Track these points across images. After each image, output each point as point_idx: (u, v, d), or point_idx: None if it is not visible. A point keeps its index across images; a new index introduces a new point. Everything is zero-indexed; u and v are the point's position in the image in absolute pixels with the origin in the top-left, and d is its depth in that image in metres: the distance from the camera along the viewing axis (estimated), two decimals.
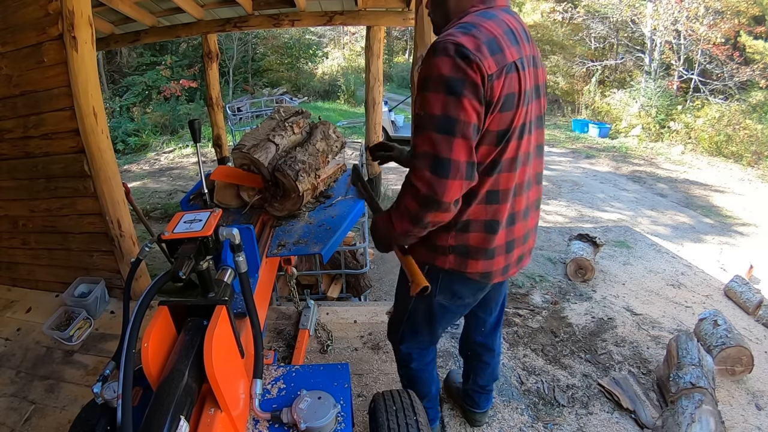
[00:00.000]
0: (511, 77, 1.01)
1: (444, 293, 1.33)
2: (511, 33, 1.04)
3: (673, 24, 10.17)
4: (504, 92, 1.00)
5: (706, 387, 1.92)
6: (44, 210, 2.62)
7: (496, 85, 0.98)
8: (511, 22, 1.07)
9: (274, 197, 1.87)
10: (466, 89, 0.96)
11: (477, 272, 1.24)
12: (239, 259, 1.10)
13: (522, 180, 1.17)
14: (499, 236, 1.19)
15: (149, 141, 9.34)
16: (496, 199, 1.14)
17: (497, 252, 1.22)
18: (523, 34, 1.09)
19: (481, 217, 1.16)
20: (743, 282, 3.22)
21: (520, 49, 1.05)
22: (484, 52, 0.96)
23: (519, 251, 1.29)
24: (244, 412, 1.07)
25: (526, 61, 1.06)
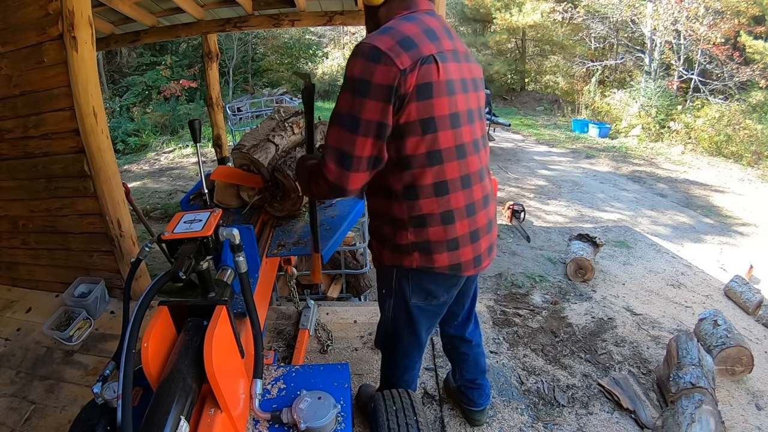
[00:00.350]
0: (428, 68, 1.07)
1: (418, 295, 1.34)
2: (431, 31, 1.13)
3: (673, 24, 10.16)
4: (419, 82, 1.06)
5: (706, 387, 1.92)
6: (44, 210, 2.62)
7: (410, 78, 1.05)
8: (432, 22, 1.16)
9: (273, 197, 1.87)
10: (371, 90, 1.04)
11: (445, 265, 1.25)
12: (239, 259, 1.10)
13: (473, 170, 1.23)
14: (460, 226, 1.22)
15: (149, 141, 9.34)
16: (446, 189, 1.18)
17: (462, 242, 1.24)
18: (445, 32, 1.17)
19: (435, 210, 1.19)
20: (743, 282, 3.22)
21: (440, 44, 1.12)
22: (397, 49, 1.05)
23: (487, 241, 1.32)
24: (244, 412, 1.07)
25: (449, 55, 1.14)
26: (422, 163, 1.14)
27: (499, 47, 14.51)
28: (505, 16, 12.64)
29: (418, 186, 1.16)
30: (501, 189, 6.16)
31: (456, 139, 1.16)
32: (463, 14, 15.67)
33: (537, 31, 13.22)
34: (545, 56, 14.39)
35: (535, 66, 14.74)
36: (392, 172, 1.17)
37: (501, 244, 4.37)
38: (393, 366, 1.60)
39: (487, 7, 13.79)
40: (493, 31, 14.01)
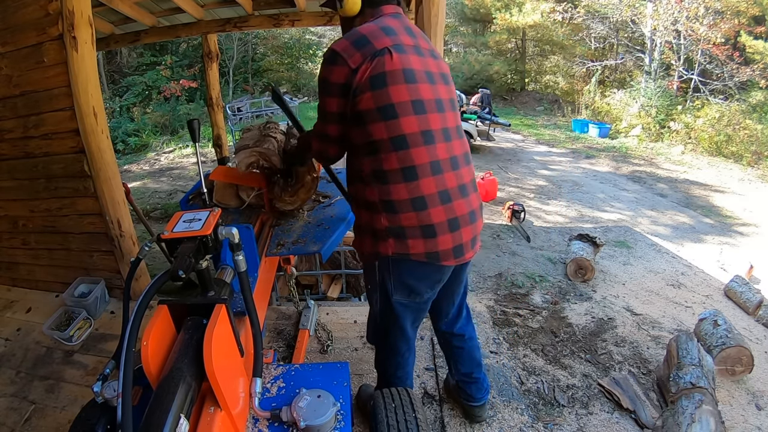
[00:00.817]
0: (381, 60, 1.18)
1: (400, 291, 1.37)
2: (388, 28, 1.25)
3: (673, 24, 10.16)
4: (372, 74, 1.18)
5: (706, 387, 1.92)
6: (44, 210, 2.62)
7: (362, 71, 1.18)
8: (392, 22, 1.28)
9: (284, 189, 1.86)
10: (330, 88, 1.24)
11: (420, 252, 1.27)
12: (238, 258, 1.10)
13: (445, 157, 1.27)
14: (434, 213, 1.24)
15: (149, 141, 9.34)
16: (414, 174, 1.23)
17: (439, 230, 1.26)
18: (405, 30, 1.29)
19: (405, 196, 1.23)
20: (743, 282, 3.22)
21: (397, 38, 1.23)
22: (351, 50, 1.20)
23: (469, 232, 1.33)
24: (243, 411, 1.07)
25: (408, 48, 1.24)
26: (387, 148, 1.22)
27: (499, 47, 14.52)
28: (505, 16, 12.64)
29: (386, 171, 1.24)
30: (501, 189, 6.16)
31: (421, 125, 1.22)
32: (463, 14, 15.67)
33: (537, 31, 13.22)
34: (545, 56, 14.39)
35: (535, 66, 14.75)
36: (363, 156, 1.28)
37: (501, 244, 4.37)
38: (385, 362, 1.61)
39: (487, 7, 13.80)
40: (493, 31, 14.01)
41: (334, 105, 1.26)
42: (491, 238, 4.53)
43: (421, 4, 2.08)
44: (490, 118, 8.56)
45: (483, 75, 14.10)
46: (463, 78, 14.19)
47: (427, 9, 2.06)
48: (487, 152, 8.51)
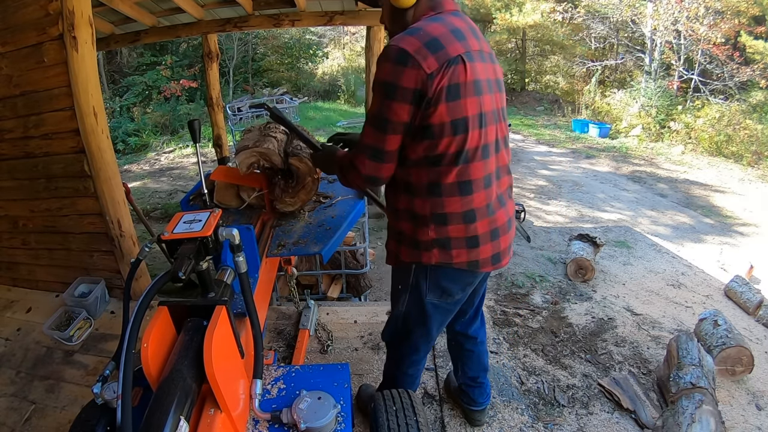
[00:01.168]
0: (455, 69, 1.10)
1: (434, 292, 1.36)
2: (458, 31, 1.14)
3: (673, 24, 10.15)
4: (446, 84, 1.09)
5: (707, 387, 1.92)
6: (44, 210, 2.62)
7: (438, 80, 1.08)
8: (458, 22, 1.17)
9: (285, 190, 1.86)
10: (398, 93, 1.09)
11: (463, 261, 1.27)
12: (239, 260, 1.10)
13: (492, 170, 1.25)
14: (480, 225, 1.25)
15: (149, 141, 9.34)
16: (469, 189, 1.20)
17: (482, 240, 1.26)
18: (471, 32, 1.19)
19: (458, 210, 1.22)
20: (743, 282, 3.22)
21: (467, 44, 1.14)
22: (424, 52, 1.07)
23: (507, 240, 1.34)
24: (244, 413, 1.07)
25: (476, 55, 1.16)
26: (450, 162, 1.17)
27: (499, 47, 14.50)
28: (505, 16, 12.63)
29: (442, 184, 1.19)
30: None
31: (482, 139, 1.18)
32: None
33: (537, 31, 13.21)
34: (545, 56, 14.38)
35: (535, 66, 14.73)
36: (418, 168, 1.20)
37: None
38: (399, 359, 1.61)
39: (487, 7, 13.78)
40: (493, 31, 13.99)
41: (404, 113, 1.11)
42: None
43: None
44: None
45: None
46: None
47: None
48: None
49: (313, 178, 1.85)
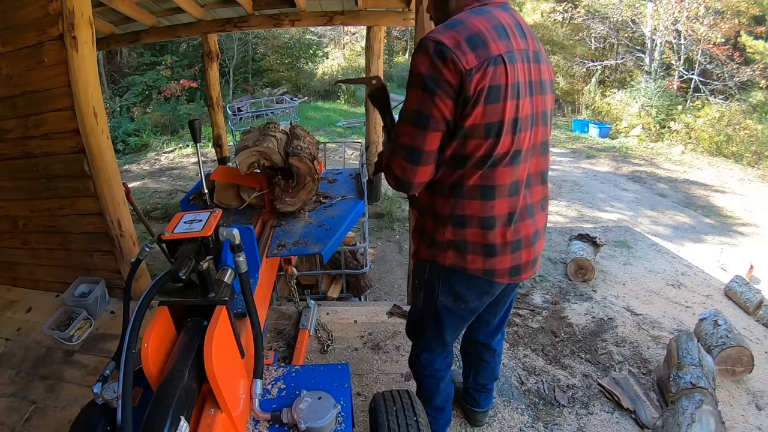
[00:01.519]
0: (496, 70, 1.03)
1: (446, 294, 1.33)
2: (502, 28, 1.06)
3: (673, 24, 10.16)
4: (486, 84, 1.02)
5: (707, 387, 1.92)
6: (44, 210, 2.62)
7: (476, 79, 1.01)
8: (504, 17, 1.09)
9: (285, 190, 1.87)
10: (439, 87, 1.02)
11: (478, 269, 1.23)
12: (239, 260, 1.10)
13: (521, 177, 1.17)
14: (499, 233, 1.18)
15: (149, 141, 9.34)
16: (492, 194, 1.14)
17: (500, 250, 1.20)
18: (517, 30, 1.10)
19: (477, 213, 1.16)
20: (743, 282, 3.22)
21: (510, 43, 1.06)
22: (464, 47, 1.00)
23: (530, 252, 1.25)
24: (244, 413, 1.07)
25: (518, 55, 1.07)
26: (475, 164, 1.11)
27: None
28: None
29: (465, 185, 1.15)
30: None
31: (514, 145, 1.10)
32: None
33: (537, 31, 13.20)
34: None
35: None
36: (443, 167, 1.15)
37: None
38: (414, 357, 1.61)
39: None
40: None
41: (444, 107, 1.04)
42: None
43: (421, 4, 2.07)
44: None
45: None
46: None
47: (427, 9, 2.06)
48: None
49: (313, 178, 1.85)
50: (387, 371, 2.17)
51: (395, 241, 4.52)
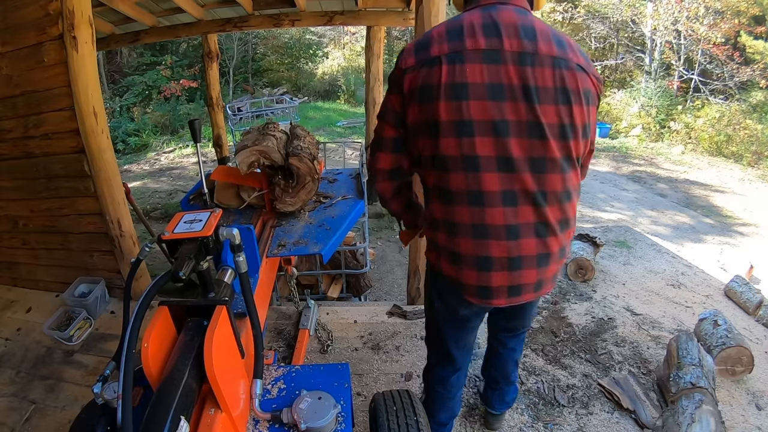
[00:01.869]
0: (430, 71, 1.05)
1: (439, 300, 1.37)
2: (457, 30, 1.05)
3: (673, 24, 10.16)
4: (417, 84, 1.07)
5: (707, 387, 1.92)
6: (44, 210, 2.62)
7: (408, 78, 1.09)
8: (474, 17, 1.06)
9: (285, 190, 1.87)
10: (392, 84, 1.15)
11: (450, 275, 1.20)
12: (239, 259, 1.10)
13: (490, 189, 1.07)
14: (463, 243, 1.13)
15: (149, 141, 9.34)
16: (449, 199, 1.12)
17: (464, 261, 1.15)
18: (482, 28, 1.04)
19: (441, 216, 1.16)
20: (743, 282, 3.22)
21: (460, 44, 1.03)
22: (411, 50, 1.10)
23: (502, 278, 1.14)
24: (244, 413, 1.07)
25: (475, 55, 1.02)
26: (427, 165, 1.14)
27: None
28: None
29: (428, 186, 1.20)
30: None
31: (463, 149, 1.05)
32: None
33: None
34: None
35: None
36: (414, 167, 1.23)
37: None
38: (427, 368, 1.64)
39: None
40: None
41: (395, 102, 1.14)
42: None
43: (421, 4, 2.07)
44: None
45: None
46: None
47: (427, 9, 2.06)
48: None
49: (313, 178, 1.85)
50: (387, 371, 2.17)
51: (395, 241, 4.53)
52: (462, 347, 1.48)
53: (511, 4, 1.08)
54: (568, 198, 1.13)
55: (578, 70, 1.06)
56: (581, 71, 1.06)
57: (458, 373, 1.55)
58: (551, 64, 1.03)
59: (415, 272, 2.58)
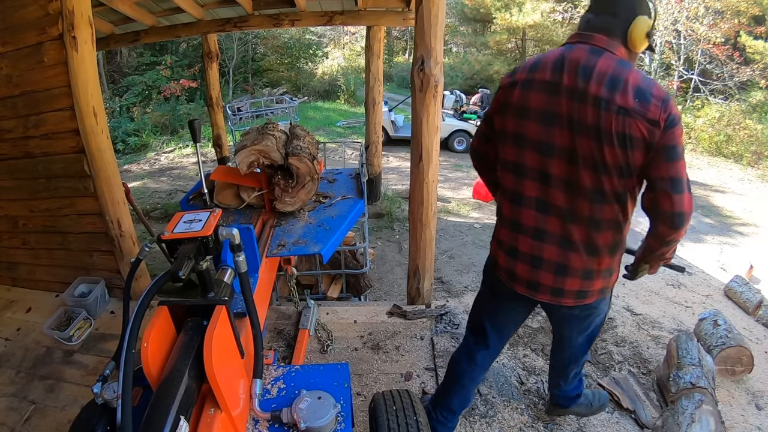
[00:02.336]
0: (510, 91, 1.26)
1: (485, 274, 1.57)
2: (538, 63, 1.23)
3: (673, 24, 10.17)
4: (503, 100, 1.29)
5: (706, 387, 1.92)
6: (44, 210, 2.62)
7: (499, 94, 1.32)
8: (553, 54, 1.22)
9: (285, 190, 1.87)
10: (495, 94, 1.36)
11: (493, 255, 1.48)
12: (239, 259, 1.10)
13: (531, 195, 1.27)
14: (503, 232, 1.40)
15: (149, 141, 9.34)
16: (503, 192, 1.38)
17: (501, 247, 1.42)
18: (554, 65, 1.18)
19: (499, 202, 1.43)
20: (743, 282, 3.22)
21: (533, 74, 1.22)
22: (510, 72, 1.33)
23: (525, 270, 1.35)
24: (244, 412, 1.07)
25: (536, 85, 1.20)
26: (498, 163, 1.37)
27: (499, 47, 14.51)
28: (505, 16, 12.64)
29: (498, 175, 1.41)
30: None
31: (516, 157, 1.28)
32: (463, 14, 15.66)
33: (537, 31, 13.21)
34: None
35: None
36: None
37: None
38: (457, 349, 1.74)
39: (487, 7, 13.79)
40: (493, 31, 14.01)
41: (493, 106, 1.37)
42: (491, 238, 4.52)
43: (421, 4, 2.07)
44: None
45: (483, 75, 14.09)
46: (463, 78, 14.19)
47: (427, 9, 2.06)
48: None
49: (312, 178, 1.85)
50: (387, 371, 2.17)
51: (395, 241, 4.52)
52: (495, 326, 1.59)
53: (588, 44, 1.17)
54: (596, 227, 1.23)
55: (619, 114, 1.09)
56: (624, 115, 1.09)
57: (486, 353, 1.63)
58: (593, 103, 1.12)
59: (415, 272, 2.58)
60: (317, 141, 2.27)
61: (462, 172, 7.20)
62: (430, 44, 2.10)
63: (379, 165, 5.25)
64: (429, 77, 2.13)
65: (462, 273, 3.81)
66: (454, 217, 5.29)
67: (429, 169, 2.32)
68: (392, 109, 8.99)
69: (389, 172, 6.85)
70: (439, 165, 2.40)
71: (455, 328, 2.47)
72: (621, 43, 1.18)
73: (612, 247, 1.29)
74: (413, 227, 2.48)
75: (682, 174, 1.12)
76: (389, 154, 7.83)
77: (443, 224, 4.90)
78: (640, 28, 1.16)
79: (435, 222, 2.48)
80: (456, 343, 2.34)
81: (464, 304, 2.81)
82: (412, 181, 2.40)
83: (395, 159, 7.81)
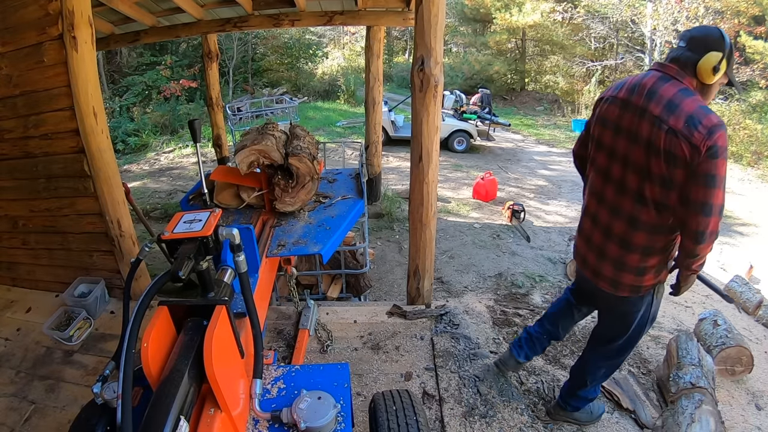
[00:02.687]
0: (602, 103, 1.54)
1: None
2: (622, 83, 1.48)
3: (673, 24, 10.17)
4: (597, 110, 1.57)
5: (706, 387, 1.92)
6: (44, 210, 2.62)
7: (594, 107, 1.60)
8: (634, 78, 1.45)
9: (285, 190, 1.87)
10: None
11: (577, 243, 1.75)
12: (239, 259, 1.10)
13: (599, 190, 1.56)
14: (584, 220, 1.67)
15: (149, 141, 9.33)
16: (588, 183, 1.66)
17: (579, 233, 1.70)
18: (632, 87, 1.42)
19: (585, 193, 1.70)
20: (743, 282, 3.22)
21: (616, 92, 1.47)
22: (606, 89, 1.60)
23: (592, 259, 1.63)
24: (244, 412, 1.07)
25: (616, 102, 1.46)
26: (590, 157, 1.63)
27: (499, 47, 14.50)
28: (505, 16, 12.63)
29: None
30: (501, 189, 6.16)
31: (596, 156, 1.57)
32: (463, 14, 15.66)
33: (537, 31, 13.21)
34: (545, 56, 14.38)
35: (535, 66, 14.73)
36: None
37: (501, 244, 4.37)
38: None
39: (487, 7, 13.79)
40: (493, 31, 14.01)
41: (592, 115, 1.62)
42: (491, 238, 4.53)
43: (421, 4, 2.07)
44: (490, 118, 8.56)
45: (483, 75, 14.09)
46: (463, 78, 14.18)
47: (427, 9, 2.06)
48: (487, 152, 8.51)
49: (312, 178, 1.86)
50: (387, 371, 2.17)
51: (395, 241, 4.53)
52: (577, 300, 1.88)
53: (662, 72, 1.38)
54: (633, 225, 1.45)
55: (668, 133, 1.28)
56: (671, 135, 1.28)
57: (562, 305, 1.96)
58: (650, 120, 1.33)
59: (415, 272, 2.58)
60: (317, 141, 2.27)
61: (462, 172, 7.20)
62: (430, 44, 2.11)
63: (379, 165, 5.25)
64: (429, 77, 2.13)
65: (462, 273, 3.81)
66: (454, 217, 5.29)
67: (429, 169, 2.32)
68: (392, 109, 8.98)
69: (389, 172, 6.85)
70: (439, 165, 2.40)
71: (455, 328, 2.47)
72: (691, 74, 1.34)
73: (644, 249, 1.46)
74: (413, 227, 2.48)
75: (714, 201, 1.27)
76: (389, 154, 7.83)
77: (443, 224, 4.90)
78: (708, 62, 1.29)
79: (435, 222, 2.48)
80: (456, 343, 2.34)
81: (464, 304, 2.81)
82: (412, 181, 2.40)
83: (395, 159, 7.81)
